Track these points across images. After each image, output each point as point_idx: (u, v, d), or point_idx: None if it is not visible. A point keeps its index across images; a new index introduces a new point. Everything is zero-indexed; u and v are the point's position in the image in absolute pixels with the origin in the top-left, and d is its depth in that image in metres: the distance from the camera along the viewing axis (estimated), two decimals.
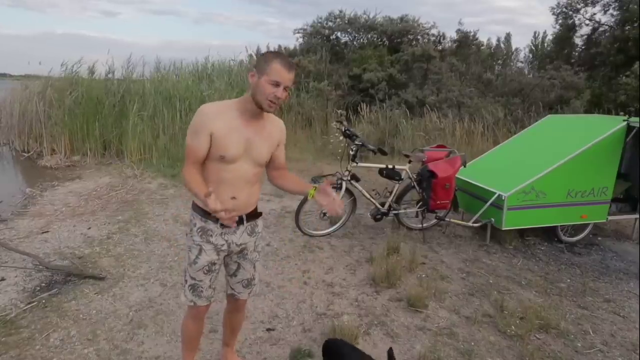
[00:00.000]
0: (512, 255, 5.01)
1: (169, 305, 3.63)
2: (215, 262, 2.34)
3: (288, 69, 2.05)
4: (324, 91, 12.99)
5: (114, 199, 6.57)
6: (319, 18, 16.18)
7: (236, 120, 2.14)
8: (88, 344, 3.10)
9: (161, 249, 4.76)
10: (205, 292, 2.38)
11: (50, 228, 5.26)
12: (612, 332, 3.54)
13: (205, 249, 2.29)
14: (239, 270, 2.50)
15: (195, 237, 2.29)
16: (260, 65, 2.06)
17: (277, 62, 2.03)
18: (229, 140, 2.11)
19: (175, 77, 11.86)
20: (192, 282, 2.35)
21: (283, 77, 2.03)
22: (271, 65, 2.03)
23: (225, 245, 2.33)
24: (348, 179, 5.17)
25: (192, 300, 2.38)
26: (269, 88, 2.03)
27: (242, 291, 2.57)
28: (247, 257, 2.48)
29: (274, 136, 2.31)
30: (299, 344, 3.19)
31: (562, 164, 4.88)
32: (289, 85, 2.08)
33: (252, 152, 2.20)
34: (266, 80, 2.03)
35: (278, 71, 2.02)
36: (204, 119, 2.10)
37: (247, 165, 2.21)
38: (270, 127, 2.29)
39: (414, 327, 3.48)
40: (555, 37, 16.43)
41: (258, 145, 2.21)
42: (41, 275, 4.06)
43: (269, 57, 2.08)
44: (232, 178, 2.19)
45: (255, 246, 2.50)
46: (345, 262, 4.67)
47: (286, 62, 2.05)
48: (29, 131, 10.05)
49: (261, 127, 2.22)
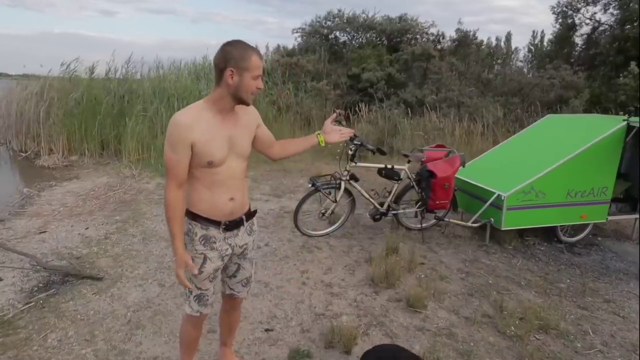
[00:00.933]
0: (512, 255, 4.99)
1: (167, 306, 3.62)
2: (219, 268, 2.34)
3: (260, 57, 2.07)
4: (322, 91, 12.99)
5: (111, 199, 6.56)
6: (317, 17, 16.21)
7: (213, 122, 2.09)
8: (86, 344, 3.09)
9: (159, 249, 4.75)
10: (210, 299, 2.38)
11: (48, 228, 5.25)
12: (612, 333, 3.53)
13: (210, 257, 2.26)
14: (239, 271, 2.48)
15: (197, 246, 2.24)
16: (239, 63, 2.00)
17: (255, 56, 2.02)
18: (212, 145, 2.07)
19: (174, 77, 11.84)
20: (198, 293, 2.32)
21: (260, 67, 2.06)
22: (251, 61, 2.01)
23: (229, 249, 2.31)
24: (347, 179, 5.15)
25: (198, 310, 2.35)
26: (253, 83, 2.04)
27: (241, 290, 2.56)
28: (247, 257, 2.47)
29: (250, 124, 2.29)
30: (298, 344, 3.18)
31: (561, 164, 4.86)
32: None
33: (236, 148, 2.17)
34: (250, 76, 2.02)
35: (258, 65, 2.04)
36: (181, 130, 2.02)
37: (235, 162, 2.19)
38: (243, 115, 2.24)
39: (413, 327, 3.47)
40: (555, 36, 16.41)
41: (239, 138, 2.19)
42: (39, 275, 4.05)
43: (244, 52, 2.01)
44: (225, 179, 2.16)
45: (254, 244, 2.51)
46: (344, 262, 4.65)
47: (259, 53, 2.07)
48: (27, 131, 10.04)
49: (236, 118, 2.19)
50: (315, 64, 14.15)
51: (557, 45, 16.31)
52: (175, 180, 2.09)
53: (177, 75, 12.14)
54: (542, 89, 12.50)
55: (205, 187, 2.15)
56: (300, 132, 11.64)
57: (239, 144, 2.18)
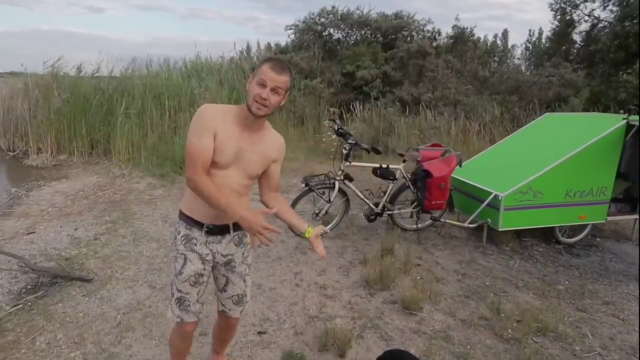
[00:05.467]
0: (509, 256, 4.97)
1: (158, 308, 3.59)
2: (202, 274, 2.27)
3: (275, 69, 2.01)
4: (316, 89, 12.90)
5: (101, 199, 6.51)
6: (310, 14, 16.10)
7: (234, 126, 2.10)
8: (75, 347, 3.07)
9: (150, 251, 4.71)
10: (192, 306, 2.30)
11: (37, 229, 5.21)
12: (612, 335, 3.51)
13: (189, 258, 2.22)
14: (228, 285, 2.42)
15: (179, 245, 2.23)
16: (254, 71, 2.06)
17: (266, 64, 2.03)
18: (225, 145, 2.07)
19: (164, 75, 11.77)
20: (178, 296, 2.27)
21: (269, 77, 1.99)
22: (261, 68, 2.02)
23: (210, 254, 2.26)
24: (341, 179, 5.12)
25: (179, 315, 2.30)
26: (256, 89, 2.01)
27: (232, 308, 2.49)
28: (235, 271, 2.39)
29: (269, 151, 2.25)
30: (291, 347, 3.16)
31: (560, 163, 4.83)
32: (278, 86, 2.02)
33: (242, 162, 2.14)
34: (254, 81, 2.02)
35: (264, 71, 2.00)
36: (210, 119, 2.05)
37: (236, 174, 2.16)
38: (268, 141, 2.23)
39: (409, 330, 3.45)
40: (554, 33, 16.38)
41: (250, 156, 2.15)
42: (27, 277, 4.01)
43: (262, 61, 2.07)
44: (220, 185, 2.11)
45: (244, 258, 2.42)
46: (338, 263, 4.62)
47: (275, 64, 2.03)
48: (15, 130, 9.95)
49: (258, 139, 2.17)
50: (309, 62, 14.05)
51: (556, 43, 16.29)
52: (201, 166, 2.03)
53: (167, 72, 12.05)
54: (540, 87, 12.46)
55: None
56: (293, 130, 11.59)
57: (247, 160, 2.15)
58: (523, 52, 18.58)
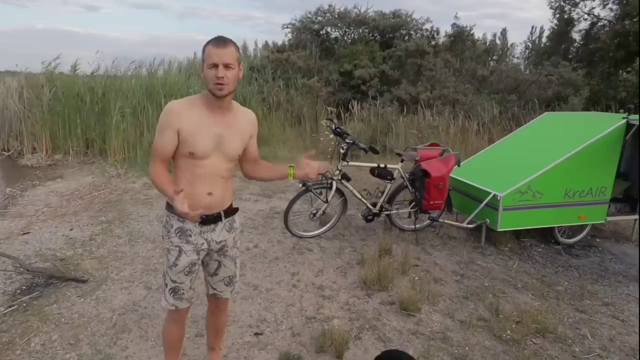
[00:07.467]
0: (508, 257, 4.95)
1: (154, 309, 3.57)
2: (195, 263, 2.34)
3: (218, 45, 2.04)
4: (313, 88, 12.88)
5: (96, 199, 6.47)
6: (308, 12, 16.09)
7: (205, 116, 2.16)
8: (70, 348, 3.05)
9: (146, 251, 4.68)
10: (186, 294, 2.37)
11: (31, 229, 5.17)
12: (611, 337, 3.50)
13: (184, 250, 2.27)
14: (220, 269, 2.48)
15: (173, 238, 2.28)
16: (203, 56, 2.09)
17: (208, 46, 2.06)
18: (197, 137, 2.12)
19: (162, 73, 11.74)
20: (172, 286, 2.33)
21: (217, 55, 2.03)
22: (205, 52, 2.06)
23: (205, 244, 2.31)
24: (338, 179, 5.10)
25: (173, 304, 2.36)
26: (210, 72, 2.05)
27: (224, 289, 2.55)
28: (228, 254, 2.46)
29: (245, 129, 2.32)
30: (288, 348, 3.15)
31: (559, 163, 4.81)
32: (229, 61, 2.04)
33: (224, 147, 2.21)
34: (205, 67, 2.06)
35: (210, 53, 2.04)
36: (170, 116, 2.11)
37: (220, 160, 2.22)
38: (242, 119, 2.31)
39: (407, 331, 3.43)
40: (553, 32, 16.35)
41: (230, 139, 2.22)
42: (22, 278, 3.98)
43: (203, 46, 2.10)
44: (206, 174, 2.20)
45: (235, 242, 2.49)
46: (335, 264, 4.59)
47: (216, 41, 2.06)
48: (9, 129, 9.88)
49: (231, 120, 2.24)
50: (306, 61, 14.06)
51: (555, 41, 16.25)
52: (158, 158, 2.17)
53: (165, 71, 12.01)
54: (539, 86, 12.47)
55: (186, 179, 2.20)
56: (290, 130, 11.58)
57: (228, 144, 2.22)
58: (522, 51, 18.58)
